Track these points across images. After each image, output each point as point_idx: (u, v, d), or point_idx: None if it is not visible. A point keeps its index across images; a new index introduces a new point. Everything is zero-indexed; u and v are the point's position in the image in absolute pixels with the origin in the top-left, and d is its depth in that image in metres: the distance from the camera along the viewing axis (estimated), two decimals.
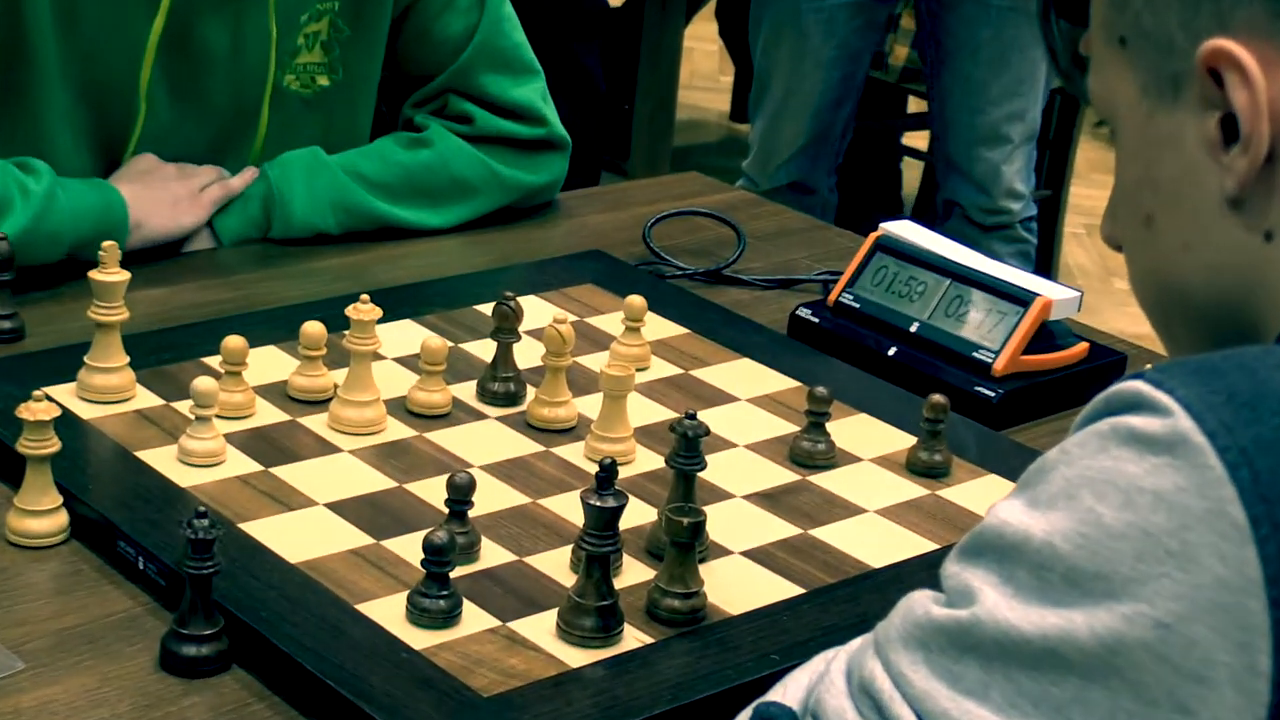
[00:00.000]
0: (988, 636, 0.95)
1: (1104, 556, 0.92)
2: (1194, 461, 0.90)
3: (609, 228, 2.27)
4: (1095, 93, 1.18)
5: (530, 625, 1.41)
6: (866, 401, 1.83)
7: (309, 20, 2.16)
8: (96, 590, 1.45)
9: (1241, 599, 0.88)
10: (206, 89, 2.13)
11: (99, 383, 1.69)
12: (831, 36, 3.52)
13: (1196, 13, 1.07)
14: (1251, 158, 1.06)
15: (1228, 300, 1.12)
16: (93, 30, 2.03)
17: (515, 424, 1.73)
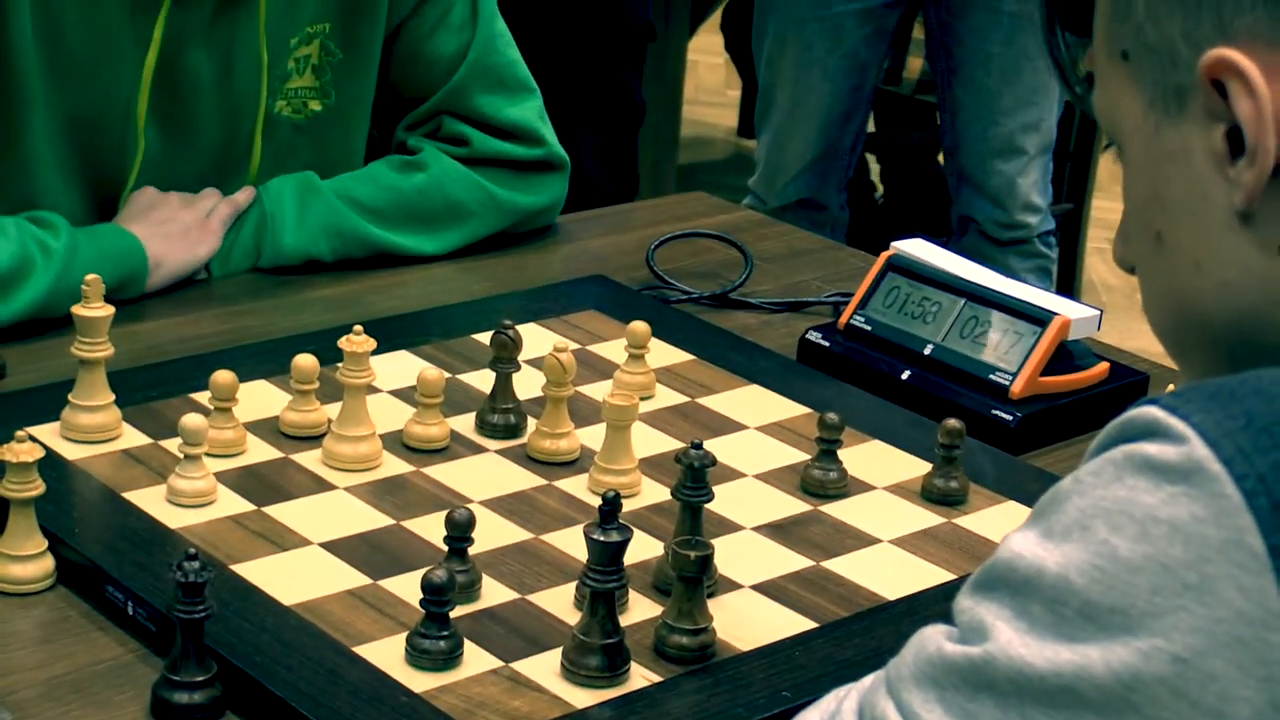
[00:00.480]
0: (1002, 674, 0.96)
1: (1120, 590, 0.93)
2: (1211, 490, 0.91)
3: (611, 251, 2.27)
4: (1100, 109, 1.19)
5: (534, 665, 1.41)
6: (880, 427, 1.84)
7: (299, 44, 2.17)
8: (85, 637, 1.45)
9: (1262, 632, 0.89)
10: (199, 119, 2.15)
11: (84, 422, 1.69)
12: (838, 45, 3.53)
13: (1198, 23, 1.08)
14: (1259, 170, 1.06)
15: (1242, 320, 1.13)
16: (82, 67, 2.05)
17: (516, 457, 1.74)
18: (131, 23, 2.05)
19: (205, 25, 2.10)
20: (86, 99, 2.07)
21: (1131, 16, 1.13)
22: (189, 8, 2.07)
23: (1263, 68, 1.06)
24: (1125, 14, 1.13)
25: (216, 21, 2.10)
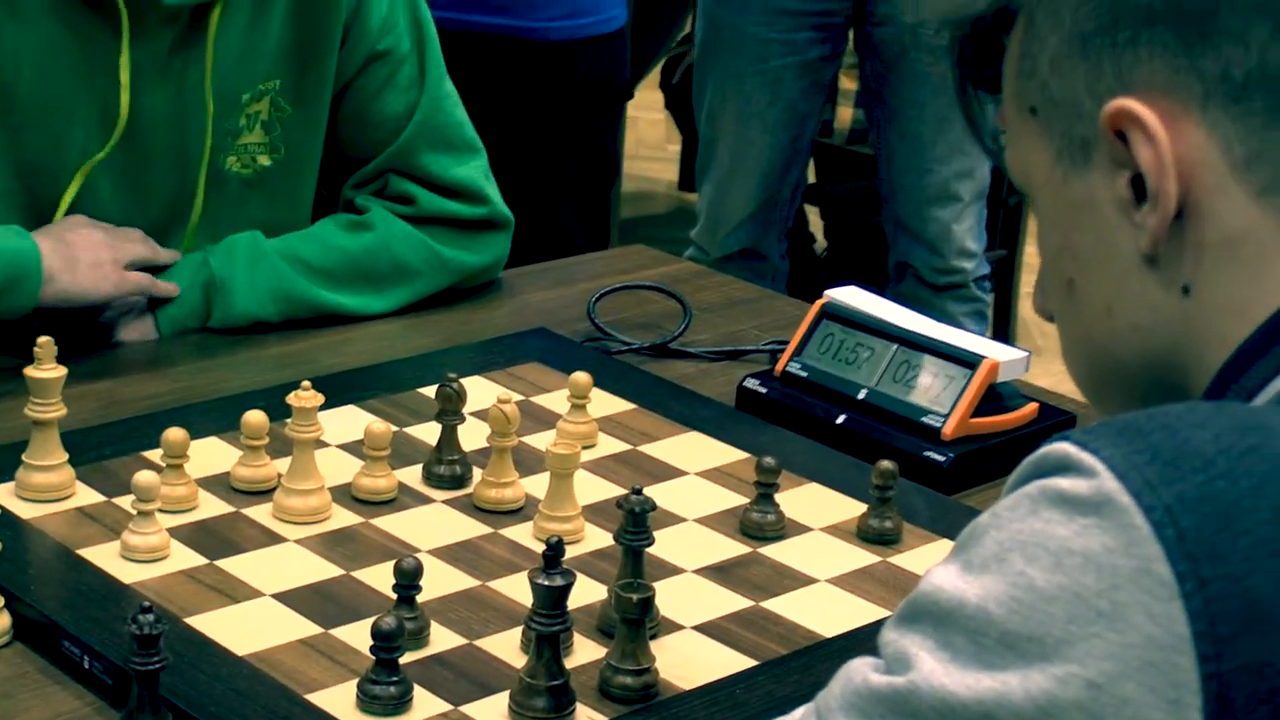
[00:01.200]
0: (925, 703, 0.98)
1: (1036, 619, 0.95)
2: (1120, 521, 0.94)
3: (554, 304, 2.29)
4: (1012, 164, 1.21)
5: (482, 708, 1.43)
6: (816, 470, 1.86)
7: (250, 100, 2.18)
8: (42, 692, 1.46)
9: (1171, 656, 0.91)
10: (150, 168, 2.15)
11: (38, 481, 1.70)
12: (778, 99, 3.54)
13: (1099, 75, 1.11)
14: (1161, 214, 1.09)
15: (1153, 359, 1.15)
16: (34, 112, 2.06)
17: (462, 506, 1.75)
18: (86, 65, 2.07)
19: (161, 66, 2.11)
20: (38, 143, 2.08)
21: (1037, 73, 1.16)
22: (144, 45, 2.08)
23: (1161, 116, 1.09)
24: (1031, 71, 1.16)
25: (170, 64, 2.12)
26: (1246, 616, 0.91)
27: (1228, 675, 0.91)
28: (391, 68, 2.26)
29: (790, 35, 3.49)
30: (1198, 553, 0.92)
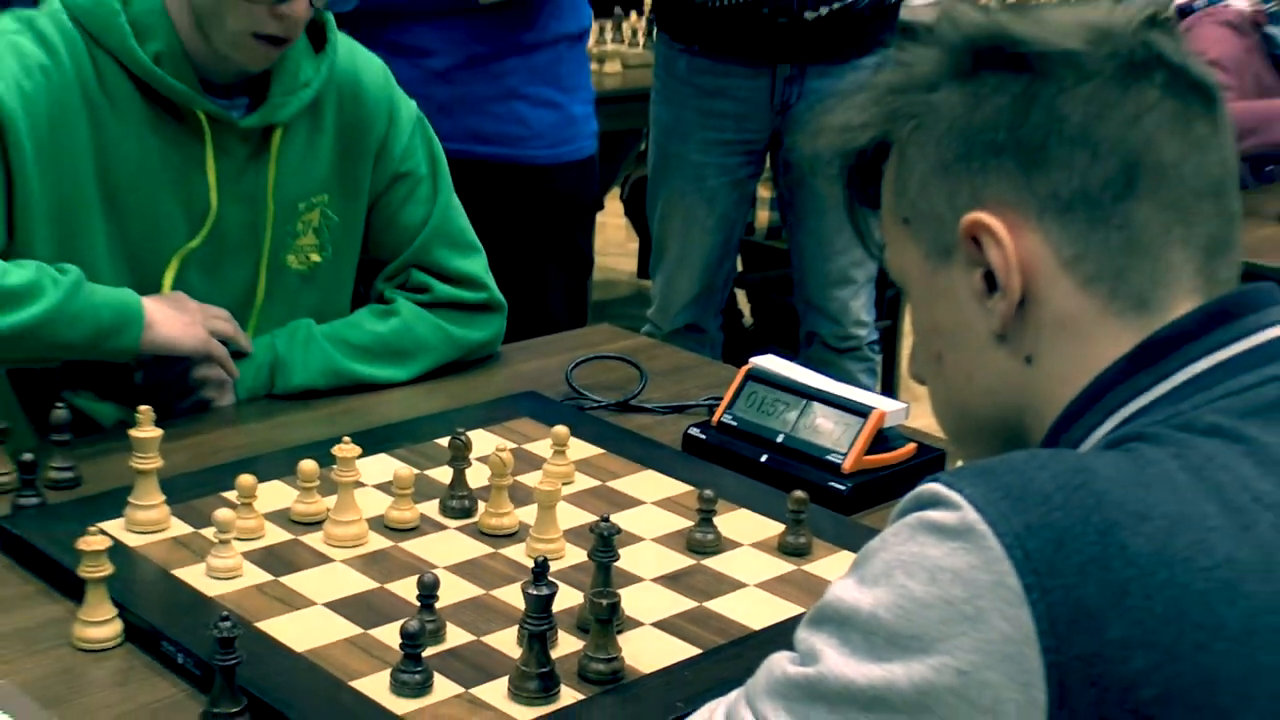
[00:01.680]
0: (831, 689, 0.98)
1: (916, 622, 0.95)
2: (980, 545, 0.93)
3: (539, 372, 2.28)
4: (890, 263, 1.21)
5: (487, 690, 1.42)
6: (745, 499, 1.85)
7: (305, 210, 2.17)
8: (147, 682, 1.45)
9: (1022, 649, 0.91)
10: (223, 261, 2.14)
11: (140, 518, 1.69)
12: (714, 210, 3.54)
13: (957, 193, 1.11)
14: (1008, 302, 1.10)
15: (1003, 416, 1.15)
16: (132, 209, 2.04)
17: (470, 532, 1.74)
18: (176, 167, 2.05)
19: (235, 176, 2.10)
20: (139, 231, 2.06)
21: (908, 192, 1.16)
22: (222, 156, 2.07)
23: (1007, 225, 1.09)
24: (903, 190, 1.16)
25: (243, 175, 2.11)
26: (1078, 618, 0.91)
27: (1065, 664, 0.91)
28: (411, 185, 2.26)
29: (723, 160, 3.49)
30: (1040, 569, 0.92)
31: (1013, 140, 1.10)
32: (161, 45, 1.98)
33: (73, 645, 1.50)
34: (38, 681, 1.44)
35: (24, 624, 1.54)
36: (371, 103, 2.22)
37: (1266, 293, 1.11)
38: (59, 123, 1.96)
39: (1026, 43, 1.11)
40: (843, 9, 3.33)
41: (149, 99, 2.02)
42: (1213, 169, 1.11)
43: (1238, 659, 0.92)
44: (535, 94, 3.20)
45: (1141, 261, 1.09)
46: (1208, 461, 0.99)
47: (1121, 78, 1.10)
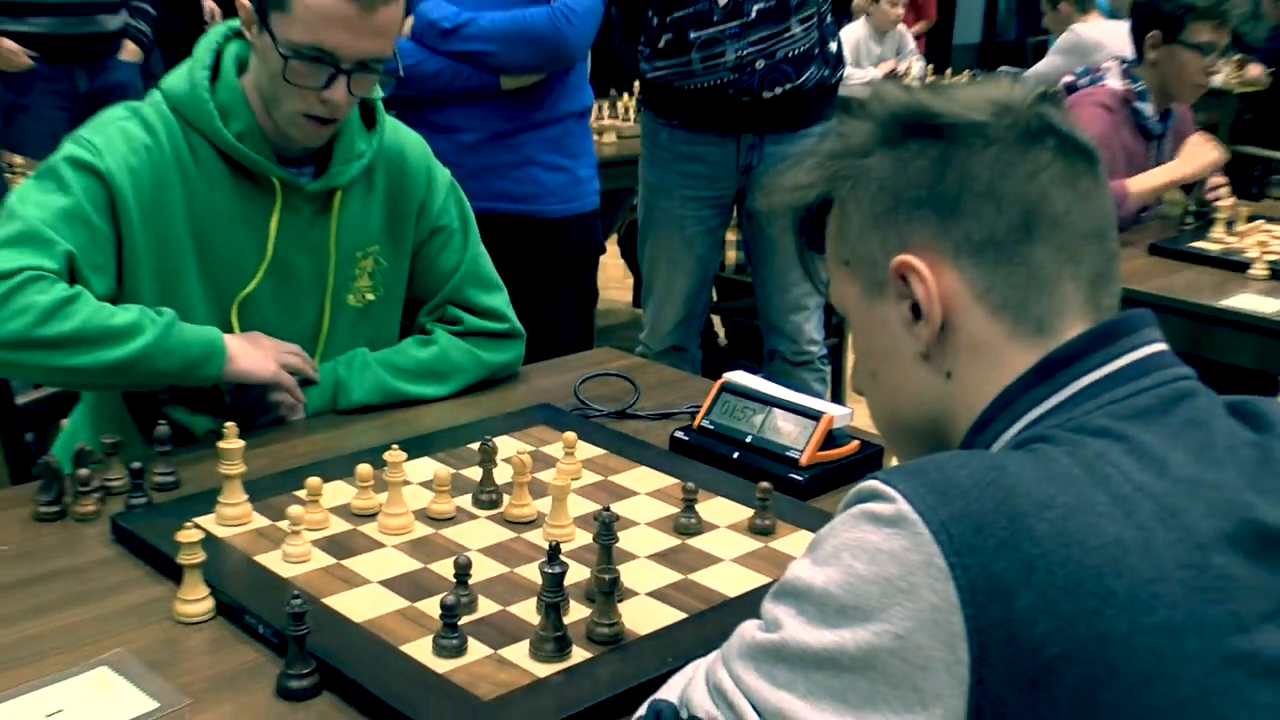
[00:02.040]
0: (792, 651, 0.98)
1: (860, 595, 0.95)
2: (912, 531, 0.93)
3: (552, 387, 2.28)
4: (834, 297, 1.21)
5: (512, 651, 1.42)
6: (720, 489, 1.84)
7: (361, 257, 2.17)
8: (233, 649, 1.45)
9: (948, 617, 0.91)
10: (294, 300, 2.13)
11: (227, 514, 1.69)
12: (692, 252, 3.54)
13: (887, 239, 1.12)
14: (930, 329, 1.10)
15: (928, 422, 1.15)
16: (221, 257, 2.04)
17: (497, 521, 1.73)
18: (252, 221, 2.05)
19: (304, 230, 2.10)
20: (221, 274, 2.06)
21: (848, 240, 1.16)
22: (291, 213, 2.07)
23: (929, 265, 1.09)
24: (843, 238, 1.16)
25: (310, 229, 2.11)
26: (993, 590, 0.91)
27: (983, 628, 0.91)
28: (446, 237, 2.26)
29: (698, 212, 3.50)
30: (962, 550, 0.92)
31: (932, 195, 1.10)
32: (242, 125, 2.00)
33: (173, 619, 1.50)
34: (146, 649, 1.44)
35: (134, 602, 1.54)
36: (413, 170, 2.22)
37: (1140, 318, 1.12)
38: (159, 192, 1.97)
39: (941, 115, 1.12)
40: (793, 89, 3.34)
41: (232, 168, 2.03)
42: (1095, 217, 1.12)
43: (1124, 621, 0.91)
44: (547, 160, 3.22)
45: (1040, 293, 1.10)
46: (1097, 458, 0.99)
47: (1020, 143, 1.10)
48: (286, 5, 1.89)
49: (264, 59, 1.96)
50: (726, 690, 1.02)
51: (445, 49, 3.07)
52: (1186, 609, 0.93)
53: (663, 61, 3.39)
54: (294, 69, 1.91)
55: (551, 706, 1.32)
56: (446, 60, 3.07)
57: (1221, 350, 3.10)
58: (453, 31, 3.06)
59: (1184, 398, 1.06)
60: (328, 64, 1.92)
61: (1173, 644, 0.92)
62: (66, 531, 1.70)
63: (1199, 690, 0.92)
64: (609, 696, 1.34)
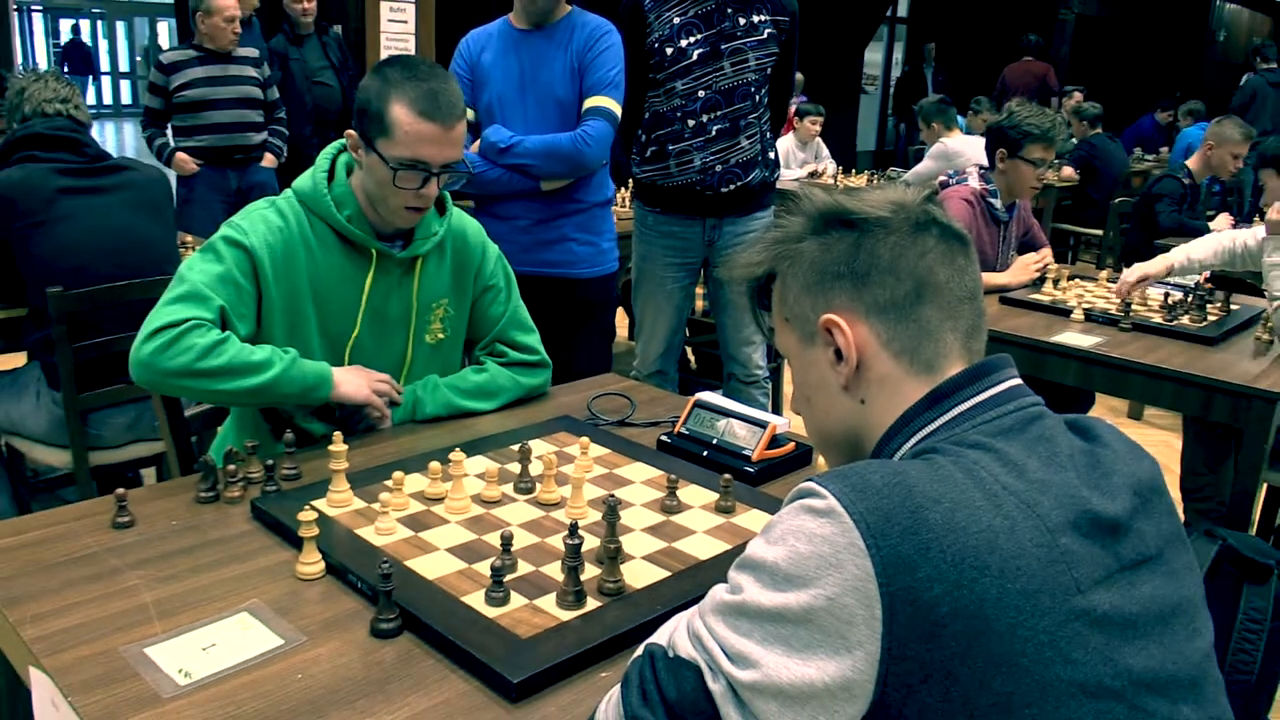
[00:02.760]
0: (750, 609, 0.95)
1: (801, 567, 0.92)
2: (839, 521, 0.91)
3: (572, 403, 2.25)
4: (778, 343, 1.19)
5: (543, 601, 1.39)
6: (695, 479, 1.80)
7: (435, 307, 2.13)
8: (338, 599, 1.42)
9: (866, 584, 0.89)
10: (388, 341, 2.09)
11: (336, 499, 1.66)
12: (671, 303, 3.51)
13: (816, 303, 1.10)
14: (849, 368, 1.08)
15: (848, 436, 1.13)
16: (332, 307, 2.01)
17: (532, 504, 1.70)
18: (353, 281, 2.02)
19: (394, 287, 2.06)
20: (333, 324, 2.02)
21: (788, 302, 1.14)
22: (384, 274, 2.04)
23: (847, 321, 1.07)
24: (784, 301, 1.14)
25: (400, 286, 2.07)
26: (899, 564, 0.89)
27: (893, 593, 0.89)
28: (495, 293, 2.22)
29: (676, 274, 3.49)
30: (876, 534, 0.90)
31: (849, 270, 1.08)
32: (351, 211, 2.00)
33: (295, 577, 1.47)
34: (275, 599, 1.41)
35: (266, 565, 1.51)
36: (472, 245, 2.19)
37: (1002, 360, 1.10)
38: (288, 260, 1.95)
39: (854, 213, 1.10)
40: (743, 186, 3.34)
41: (341, 242, 2.01)
42: (969, 285, 1.10)
43: (995, 587, 0.89)
44: (579, 236, 3.21)
45: (928, 342, 1.07)
46: (974, 465, 0.96)
47: (913, 232, 1.08)
48: (389, 132, 1.90)
49: (370, 170, 1.96)
50: (702, 637, 0.99)
51: (502, 162, 3.08)
52: (1041, 577, 0.91)
53: (648, 166, 3.38)
54: (401, 176, 1.92)
55: (573, 642, 1.30)
56: (503, 170, 3.08)
57: (1052, 373, 3.08)
58: (506, 150, 3.06)
59: (1035, 419, 1.04)
60: (423, 170, 1.92)
61: (1031, 603, 0.90)
62: (218, 511, 1.67)
63: (1050, 637, 0.90)
64: (614, 635, 1.31)
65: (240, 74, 5.04)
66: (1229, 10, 16.40)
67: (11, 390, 2.97)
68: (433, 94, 1.89)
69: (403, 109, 1.89)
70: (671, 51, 3.23)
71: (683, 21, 3.23)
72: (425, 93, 1.89)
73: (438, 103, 1.89)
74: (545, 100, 3.09)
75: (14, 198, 2.78)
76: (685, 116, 3.27)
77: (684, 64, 3.23)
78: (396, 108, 1.89)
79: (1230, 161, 5.48)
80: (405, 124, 1.89)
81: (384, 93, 1.90)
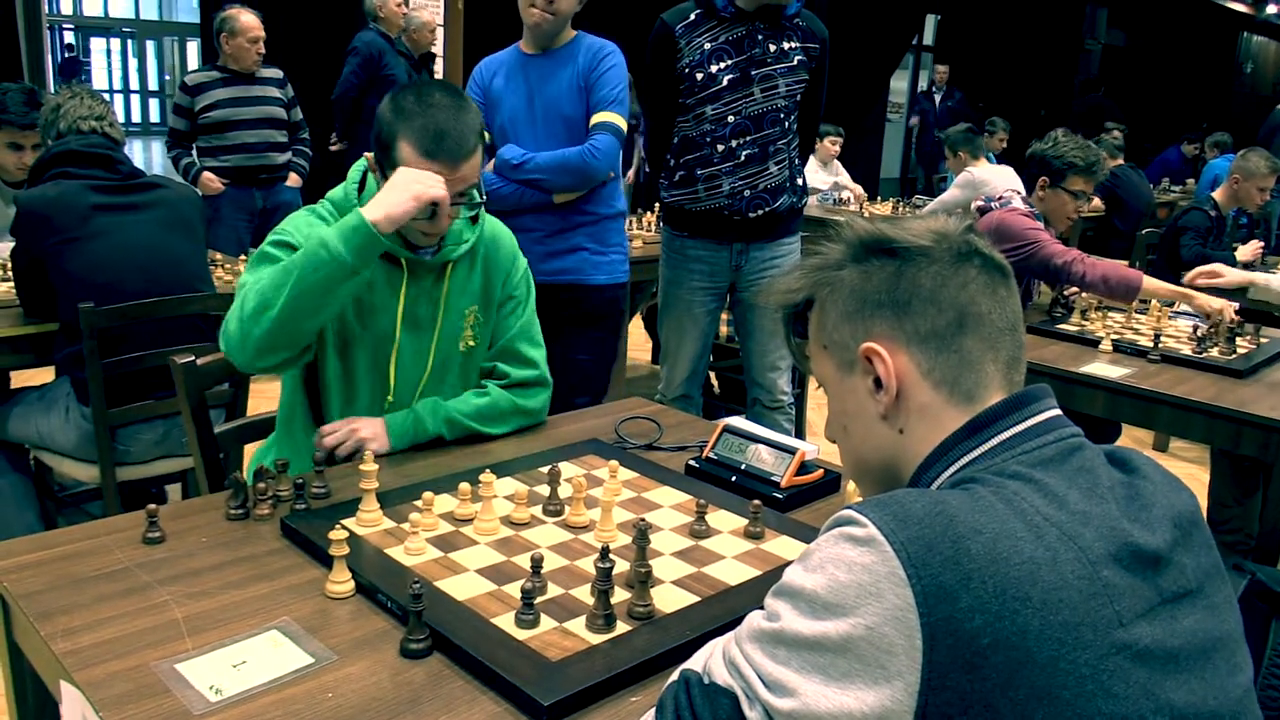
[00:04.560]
0: (787, 636, 0.94)
1: (841, 595, 0.91)
2: (880, 550, 0.90)
3: (600, 427, 2.25)
4: (814, 371, 1.18)
5: (574, 625, 1.39)
6: (723, 504, 1.80)
7: (466, 314, 2.13)
8: (368, 619, 1.42)
9: (907, 614, 0.88)
10: (421, 345, 2.08)
11: (365, 519, 1.66)
12: (698, 327, 3.50)
13: (856, 331, 1.10)
14: (888, 397, 1.07)
15: (885, 465, 1.12)
16: (372, 316, 2.02)
17: (561, 526, 1.70)
18: (391, 290, 2.03)
19: (427, 294, 2.06)
20: (377, 331, 2.03)
21: (826, 329, 1.13)
22: (418, 282, 2.05)
23: (888, 349, 1.07)
24: (823, 328, 1.14)
25: (432, 294, 2.07)
26: (940, 594, 0.88)
27: (933, 623, 0.88)
28: (515, 304, 2.21)
29: (704, 299, 3.49)
30: (917, 564, 0.89)
31: (890, 300, 1.08)
32: None
33: (325, 595, 1.47)
34: (305, 617, 1.41)
35: (296, 582, 1.51)
36: (504, 254, 2.18)
37: (1042, 390, 1.09)
38: None
39: (896, 241, 1.10)
40: (770, 211, 3.35)
41: None
42: (1010, 315, 1.10)
43: (1037, 619, 0.88)
44: (591, 246, 3.28)
45: (969, 373, 1.07)
46: (1015, 495, 0.96)
47: (955, 262, 1.08)
48: (396, 165, 1.90)
49: None
50: (739, 664, 0.98)
51: (515, 178, 3.17)
52: (1083, 610, 0.90)
53: (678, 190, 3.39)
54: None
55: (602, 666, 1.29)
56: (517, 185, 3.17)
57: (1081, 404, 3.07)
58: (519, 166, 3.16)
59: (1075, 450, 1.03)
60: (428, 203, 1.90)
61: (1073, 636, 0.89)
62: (248, 529, 1.67)
63: (1092, 670, 0.89)
64: (644, 659, 1.31)
65: (264, 94, 5.09)
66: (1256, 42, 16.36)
67: (41, 405, 2.99)
68: (440, 134, 1.87)
69: (408, 147, 1.87)
70: (701, 77, 3.24)
71: (713, 47, 3.24)
72: (432, 133, 1.87)
73: (443, 143, 1.87)
74: (553, 118, 3.20)
75: (49, 214, 2.80)
76: (714, 141, 3.28)
77: (714, 89, 3.24)
78: (403, 145, 1.88)
79: (1257, 195, 5.45)
80: (410, 162, 1.88)
81: (394, 126, 1.89)
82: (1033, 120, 11.98)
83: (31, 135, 3.50)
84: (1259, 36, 16.38)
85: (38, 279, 2.88)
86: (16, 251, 2.89)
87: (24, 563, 1.53)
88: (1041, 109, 13.26)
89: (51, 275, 2.84)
